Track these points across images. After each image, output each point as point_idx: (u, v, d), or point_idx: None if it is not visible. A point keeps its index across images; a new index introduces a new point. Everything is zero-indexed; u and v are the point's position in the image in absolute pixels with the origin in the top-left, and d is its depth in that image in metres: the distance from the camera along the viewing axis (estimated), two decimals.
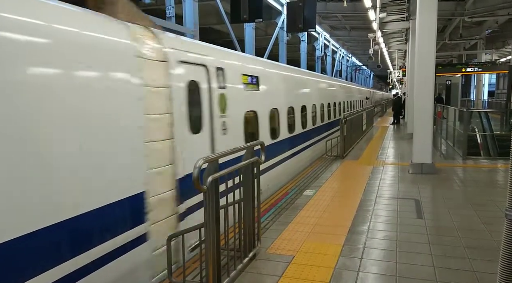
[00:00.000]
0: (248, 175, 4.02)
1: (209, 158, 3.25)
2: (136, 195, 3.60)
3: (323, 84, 13.50)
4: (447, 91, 21.03)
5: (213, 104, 5.07)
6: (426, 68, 8.50)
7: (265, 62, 8.45)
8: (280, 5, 15.38)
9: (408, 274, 3.81)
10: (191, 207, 4.44)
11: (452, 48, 28.65)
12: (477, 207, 5.93)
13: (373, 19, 15.32)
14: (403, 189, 7.22)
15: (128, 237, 3.50)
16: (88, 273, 3.07)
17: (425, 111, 8.57)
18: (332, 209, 5.99)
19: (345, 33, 25.56)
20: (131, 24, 3.87)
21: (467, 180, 8.15)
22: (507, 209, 2.12)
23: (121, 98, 3.48)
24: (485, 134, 11.30)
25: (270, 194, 6.95)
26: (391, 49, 28.22)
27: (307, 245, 4.56)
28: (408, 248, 4.43)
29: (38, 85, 2.74)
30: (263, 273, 3.91)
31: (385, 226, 5.21)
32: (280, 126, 8.10)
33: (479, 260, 4.07)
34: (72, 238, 2.97)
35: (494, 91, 43.12)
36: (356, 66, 41.51)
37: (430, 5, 8.37)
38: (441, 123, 14.69)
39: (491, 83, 43.87)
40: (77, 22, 3.21)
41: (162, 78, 4.04)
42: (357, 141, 13.71)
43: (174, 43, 4.44)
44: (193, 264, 4.11)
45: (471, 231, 4.94)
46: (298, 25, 10.78)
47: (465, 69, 21.20)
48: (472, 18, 17.18)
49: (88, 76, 3.15)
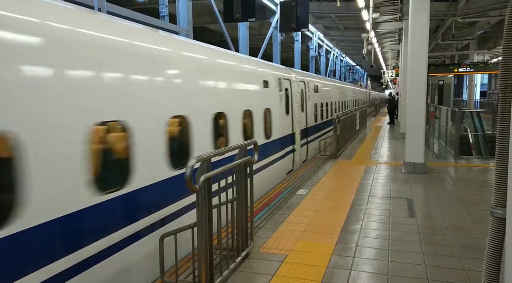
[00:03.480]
0: (241, 175, 4.02)
1: (201, 157, 3.25)
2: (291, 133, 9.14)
3: (343, 89, 20.26)
4: (439, 91, 21.16)
5: (307, 100, 10.94)
6: (418, 68, 8.57)
7: (320, 78, 15.17)
8: (274, 5, 15.39)
9: (400, 272, 3.84)
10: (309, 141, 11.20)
11: (444, 49, 28.87)
12: (468, 206, 5.99)
13: (366, 19, 15.39)
14: (395, 188, 7.26)
15: (288, 149, 8.98)
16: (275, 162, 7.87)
17: (418, 111, 8.63)
18: (325, 208, 6.01)
19: (338, 33, 25.64)
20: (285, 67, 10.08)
21: (459, 179, 8.22)
22: (493, 206, 2.15)
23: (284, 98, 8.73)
24: (477, 134, 11.39)
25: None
26: (384, 49, 28.38)
27: (300, 244, 4.58)
28: (400, 247, 4.46)
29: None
30: (256, 272, 3.91)
31: (378, 225, 5.24)
32: (327, 112, 14.18)
33: (470, 258, 4.11)
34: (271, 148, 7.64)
35: (486, 91, 43.53)
36: (349, 66, 41.67)
37: (423, 6, 8.44)
38: (434, 123, 14.80)
39: (483, 83, 44.31)
40: (281, 71, 9.16)
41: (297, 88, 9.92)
42: (351, 141, 13.77)
43: (296, 73, 10.26)
44: (185, 263, 4.10)
45: (462, 230, 4.99)
46: (291, 25, 10.81)
47: (458, 69, 21.34)
48: (464, 19, 17.31)
49: (279, 93, 8.37)
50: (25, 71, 2.68)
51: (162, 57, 4.33)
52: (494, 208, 2.14)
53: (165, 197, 4.13)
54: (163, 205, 4.10)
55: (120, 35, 3.77)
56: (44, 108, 2.77)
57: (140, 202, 3.76)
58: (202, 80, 5.09)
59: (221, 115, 5.46)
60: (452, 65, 23.45)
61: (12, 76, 2.58)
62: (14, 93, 2.57)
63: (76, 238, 3.03)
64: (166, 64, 4.35)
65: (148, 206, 3.89)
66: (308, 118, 11.12)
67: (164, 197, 4.12)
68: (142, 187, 3.74)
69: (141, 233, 3.71)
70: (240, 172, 4.01)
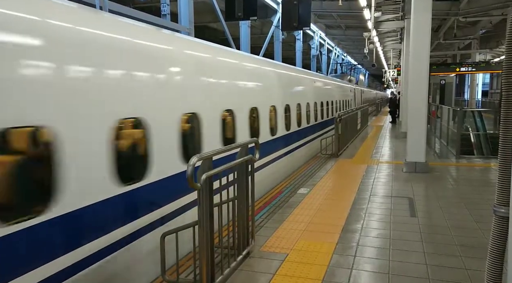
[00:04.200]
0: (242, 173, 4.02)
1: (203, 155, 3.25)
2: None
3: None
4: (441, 90, 21.12)
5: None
6: (420, 68, 8.55)
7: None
8: (276, 3, 15.36)
9: (401, 271, 3.84)
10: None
11: (446, 48, 28.78)
12: (470, 206, 5.98)
13: (368, 18, 15.36)
14: (396, 187, 7.25)
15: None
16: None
17: (419, 110, 8.62)
18: (326, 207, 6.01)
19: (340, 32, 25.59)
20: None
21: (460, 178, 8.21)
22: (495, 205, 2.14)
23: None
24: (478, 133, 11.37)
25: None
26: (386, 48, 28.30)
27: (301, 243, 4.57)
28: (401, 246, 4.46)
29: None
30: (256, 270, 3.91)
31: (379, 224, 5.23)
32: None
33: (471, 258, 4.11)
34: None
35: (488, 90, 43.40)
36: (351, 65, 41.61)
37: (425, 5, 8.42)
38: (435, 122, 14.78)
39: (485, 83, 44.20)
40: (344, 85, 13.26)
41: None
42: (352, 140, 13.76)
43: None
44: (187, 262, 4.11)
45: (463, 229, 4.98)
46: (292, 24, 10.80)
47: (459, 68, 21.29)
48: (467, 18, 17.26)
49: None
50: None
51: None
52: (497, 206, 2.13)
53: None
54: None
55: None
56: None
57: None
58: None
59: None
60: (454, 64, 23.41)
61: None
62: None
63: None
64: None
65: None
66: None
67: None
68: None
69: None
70: (241, 171, 4.01)
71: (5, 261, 2.52)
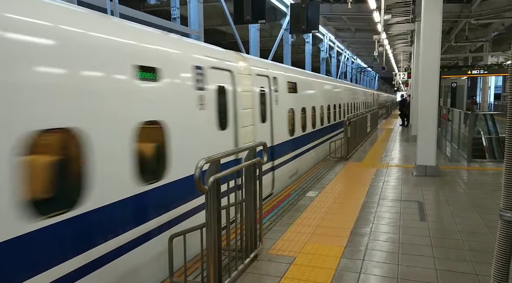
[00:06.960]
0: (250, 176, 4.02)
1: (211, 158, 3.26)
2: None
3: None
4: (452, 93, 20.89)
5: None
6: (430, 70, 8.48)
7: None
8: (285, 6, 15.38)
9: (410, 276, 3.80)
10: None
11: (457, 50, 28.52)
12: (480, 210, 5.90)
13: (378, 21, 15.30)
14: (406, 191, 7.19)
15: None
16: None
17: (430, 113, 8.54)
18: (334, 210, 5.98)
19: (350, 34, 25.49)
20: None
21: (471, 182, 8.10)
22: (502, 209, 2.11)
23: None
24: (490, 137, 11.22)
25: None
26: (396, 51, 28.18)
27: (309, 247, 4.56)
28: (410, 251, 4.41)
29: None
30: (264, 273, 3.91)
31: (388, 228, 5.19)
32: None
33: (482, 263, 4.05)
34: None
35: (501, 93, 42.81)
36: (361, 68, 41.40)
37: (435, 7, 8.36)
38: (446, 125, 14.62)
39: (498, 85, 43.61)
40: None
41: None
42: (361, 143, 13.68)
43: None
44: (194, 264, 4.12)
45: (474, 234, 4.91)
46: (301, 27, 10.78)
47: (471, 71, 21.04)
48: (478, 20, 17.09)
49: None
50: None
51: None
52: (503, 211, 2.10)
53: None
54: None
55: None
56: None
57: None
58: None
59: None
60: (465, 67, 23.13)
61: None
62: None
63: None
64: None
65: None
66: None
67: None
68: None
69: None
70: (249, 174, 4.02)
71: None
